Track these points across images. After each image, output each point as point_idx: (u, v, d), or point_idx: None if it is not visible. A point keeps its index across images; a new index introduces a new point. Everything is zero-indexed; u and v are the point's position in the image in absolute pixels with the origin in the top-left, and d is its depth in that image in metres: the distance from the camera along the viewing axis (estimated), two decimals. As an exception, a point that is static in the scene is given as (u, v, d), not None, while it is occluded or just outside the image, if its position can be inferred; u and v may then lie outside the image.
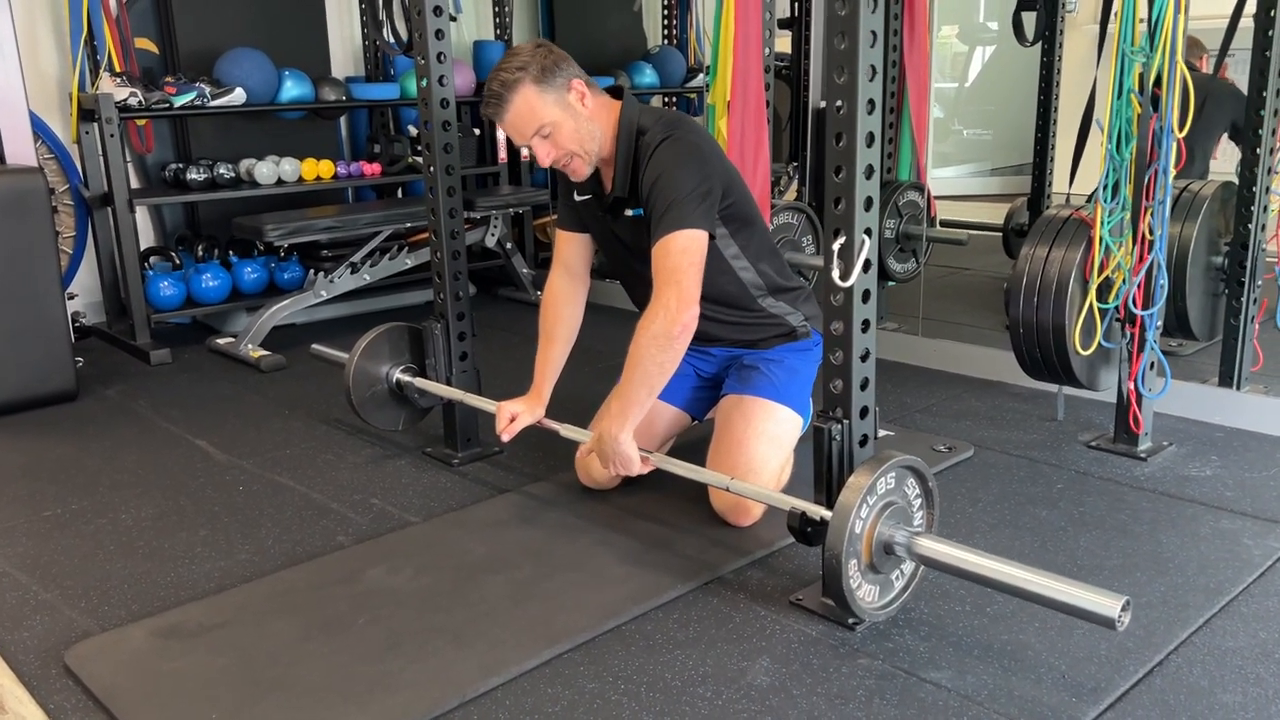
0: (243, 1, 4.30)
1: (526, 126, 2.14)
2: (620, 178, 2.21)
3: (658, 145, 2.14)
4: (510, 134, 2.20)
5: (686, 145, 2.14)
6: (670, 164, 2.11)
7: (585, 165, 2.21)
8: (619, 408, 2.14)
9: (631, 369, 2.11)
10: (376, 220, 3.97)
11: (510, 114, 2.13)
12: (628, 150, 2.19)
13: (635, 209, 2.23)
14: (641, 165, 2.16)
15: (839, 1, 1.66)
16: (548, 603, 1.96)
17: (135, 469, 2.74)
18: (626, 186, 2.21)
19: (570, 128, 2.15)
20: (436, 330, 2.62)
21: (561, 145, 2.16)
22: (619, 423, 2.14)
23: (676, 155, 2.12)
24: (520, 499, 2.46)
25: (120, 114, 3.71)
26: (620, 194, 2.22)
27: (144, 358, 3.75)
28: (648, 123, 2.19)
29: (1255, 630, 1.82)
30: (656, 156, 2.13)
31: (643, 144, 2.17)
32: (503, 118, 2.15)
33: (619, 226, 2.30)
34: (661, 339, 2.06)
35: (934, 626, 1.85)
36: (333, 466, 2.72)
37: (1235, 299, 2.84)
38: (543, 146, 2.16)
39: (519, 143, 2.20)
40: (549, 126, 2.14)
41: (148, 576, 2.14)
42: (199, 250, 4.09)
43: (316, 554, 2.22)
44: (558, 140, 2.15)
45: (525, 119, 2.13)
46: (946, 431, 2.83)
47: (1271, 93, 2.71)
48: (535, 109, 2.12)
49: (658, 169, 2.12)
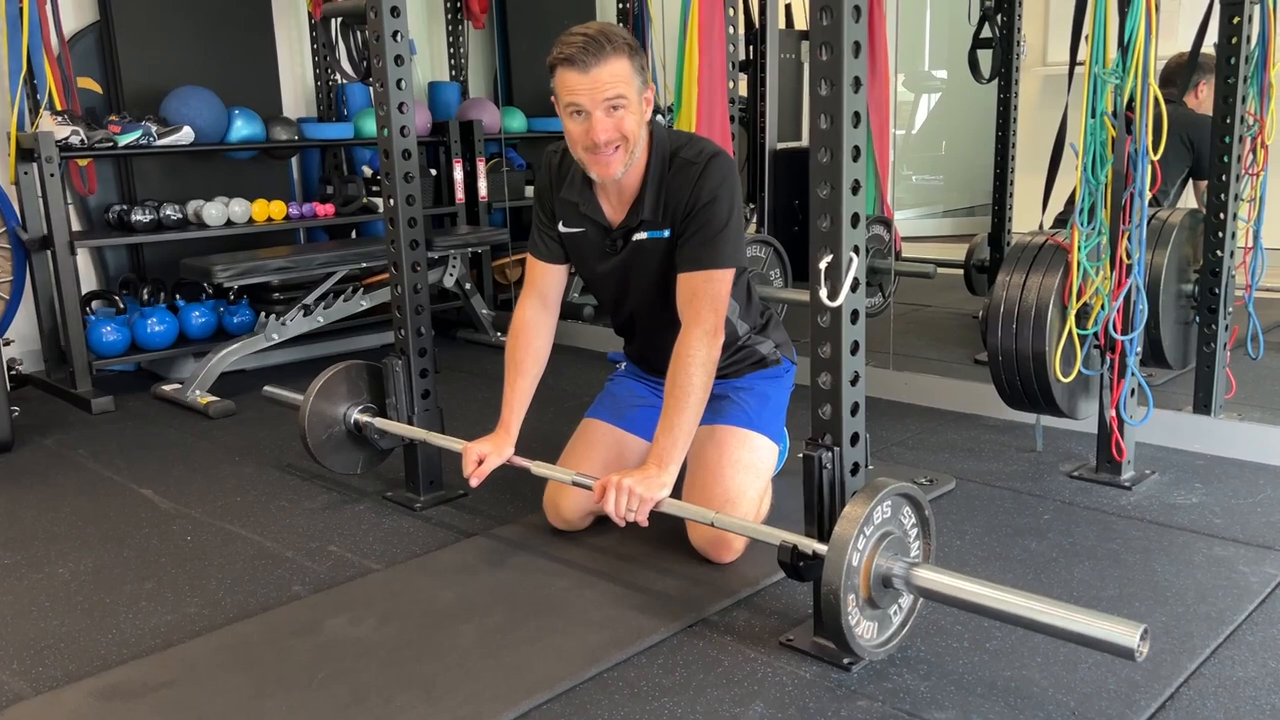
0: (191, 40, 4.20)
1: (611, 86, 1.97)
2: (650, 198, 2.12)
3: (709, 161, 2.08)
4: (586, 87, 1.97)
5: (733, 169, 2.10)
6: (726, 189, 2.07)
7: (621, 163, 2.07)
8: (677, 454, 2.02)
9: (684, 400, 2.02)
10: (331, 260, 3.85)
11: (605, 66, 1.95)
12: (661, 173, 2.11)
13: (655, 230, 2.14)
14: (686, 182, 2.08)
15: (822, 48, 1.61)
16: (523, 651, 1.84)
17: (74, 520, 2.57)
18: (657, 208, 2.12)
19: (636, 118, 2.04)
20: (397, 367, 2.50)
21: (622, 128, 2.02)
22: (673, 471, 2.01)
23: (731, 181, 2.08)
24: (488, 542, 2.34)
25: (61, 153, 3.56)
26: (647, 216, 2.13)
27: (85, 406, 3.57)
28: (680, 141, 2.15)
29: (1265, 660, 1.75)
30: (712, 172, 2.07)
31: (679, 162, 2.10)
32: (592, 65, 1.95)
33: (623, 253, 2.20)
34: (709, 365, 2.04)
35: (933, 664, 1.76)
36: (287, 513, 2.57)
37: (1208, 326, 2.82)
38: (609, 120, 1.99)
39: (586, 101, 1.98)
40: (624, 101, 2.00)
41: (86, 634, 1.98)
42: (144, 294, 3.93)
43: (271, 605, 2.07)
44: (622, 121, 2.02)
45: (616, 78, 1.97)
46: (926, 464, 2.75)
47: (1236, 119, 2.72)
48: (627, 76, 1.99)
49: (715, 188, 2.06)
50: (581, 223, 2.22)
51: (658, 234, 2.14)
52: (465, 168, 4.63)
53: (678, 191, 2.10)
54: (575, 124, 2.02)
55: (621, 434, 2.35)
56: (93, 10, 4.05)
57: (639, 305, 2.28)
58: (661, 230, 2.14)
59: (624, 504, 1.94)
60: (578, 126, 2.02)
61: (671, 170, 2.11)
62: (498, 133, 4.86)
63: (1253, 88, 2.78)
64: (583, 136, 2.02)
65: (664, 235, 2.14)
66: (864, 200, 1.69)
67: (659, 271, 2.18)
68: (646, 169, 2.11)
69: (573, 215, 2.22)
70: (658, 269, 2.18)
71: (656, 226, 2.14)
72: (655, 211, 2.12)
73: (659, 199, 2.12)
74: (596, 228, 2.20)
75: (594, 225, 2.21)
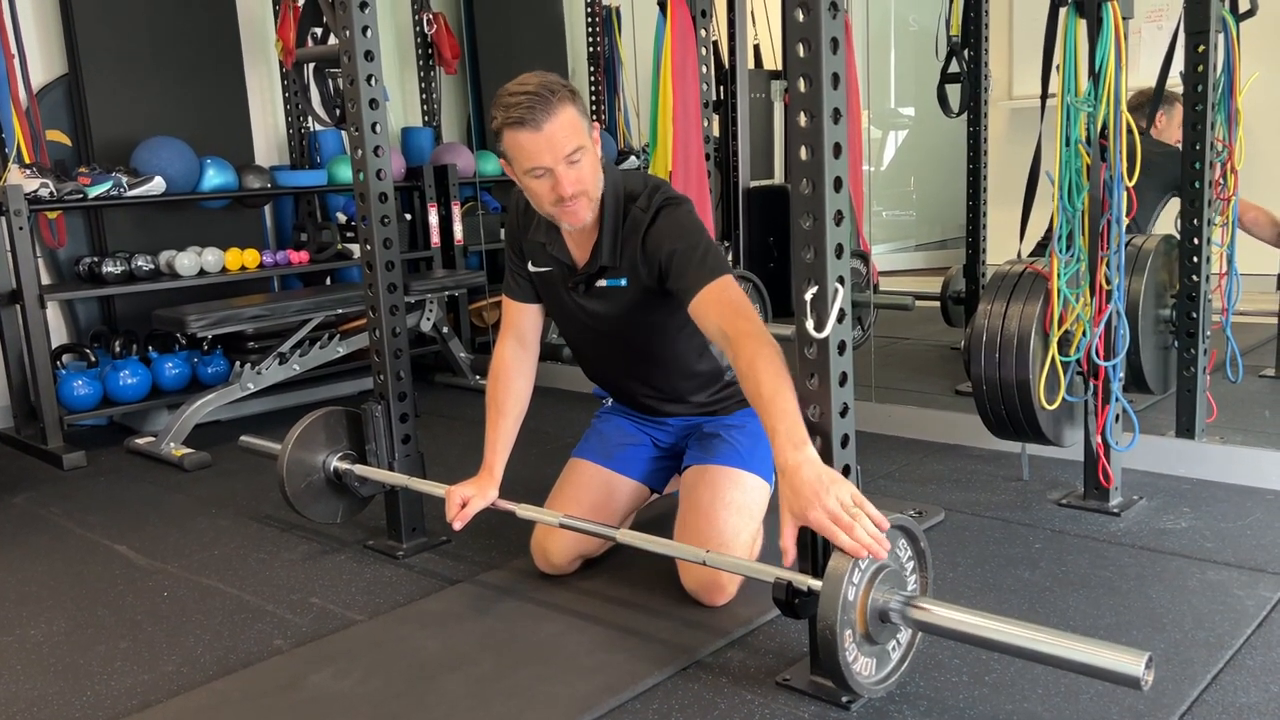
0: (161, 90, 4.18)
1: (568, 141, 1.93)
2: (607, 245, 2.09)
3: (659, 211, 2.04)
4: (544, 147, 1.92)
5: (687, 210, 2.07)
6: (679, 230, 2.02)
7: (587, 209, 2.03)
8: (802, 434, 1.67)
9: (781, 385, 1.74)
10: (306, 308, 3.81)
11: (556, 121, 1.91)
12: (615, 216, 2.08)
13: (615, 279, 2.12)
14: (639, 234, 2.05)
15: (802, 80, 1.61)
16: (513, 700, 1.79)
17: (46, 580, 2.50)
18: (615, 255, 2.09)
19: (591, 163, 2.00)
20: (377, 412, 2.46)
21: (584, 179, 1.98)
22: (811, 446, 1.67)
23: (681, 223, 2.04)
24: (474, 589, 2.29)
25: (30, 206, 3.51)
26: (606, 263, 2.10)
27: (56, 462, 3.49)
28: (635, 188, 2.10)
29: (1267, 684, 1.73)
30: (660, 223, 2.03)
31: (634, 211, 2.07)
32: (543, 123, 1.90)
33: (587, 298, 2.18)
34: (776, 358, 1.80)
35: (933, 700, 1.72)
36: (266, 565, 2.51)
37: (1187, 350, 2.83)
38: (570, 173, 1.95)
39: (548, 160, 1.93)
40: (582, 152, 1.96)
41: (60, 697, 1.91)
42: (116, 346, 3.87)
43: (252, 661, 2.01)
44: (583, 172, 1.98)
45: (569, 132, 1.93)
46: (913, 496, 2.73)
47: (1207, 145, 2.75)
48: (577, 125, 1.94)
49: (668, 236, 2.02)
50: (550, 262, 2.20)
51: (616, 282, 2.13)
52: (440, 212, 4.62)
53: (631, 237, 2.07)
54: (539, 183, 1.98)
55: (610, 474, 2.32)
56: (61, 63, 4.03)
57: (606, 348, 2.26)
58: (619, 279, 2.12)
59: (859, 528, 1.59)
60: (542, 185, 1.98)
61: (626, 221, 2.08)
62: (472, 176, 4.86)
63: (1220, 114, 2.82)
64: (549, 194, 1.98)
65: (622, 284, 2.12)
66: (847, 231, 1.68)
67: (619, 319, 2.17)
68: (602, 210, 2.09)
69: (541, 255, 2.21)
70: (618, 316, 2.16)
71: (616, 274, 2.12)
72: (613, 257, 2.10)
73: (615, 244, 2.10)
74: (563, 268, 2.19)
75: (561, 266, 2.19)
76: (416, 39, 5.05)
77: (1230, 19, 2.80)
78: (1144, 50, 5.13)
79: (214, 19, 4.34)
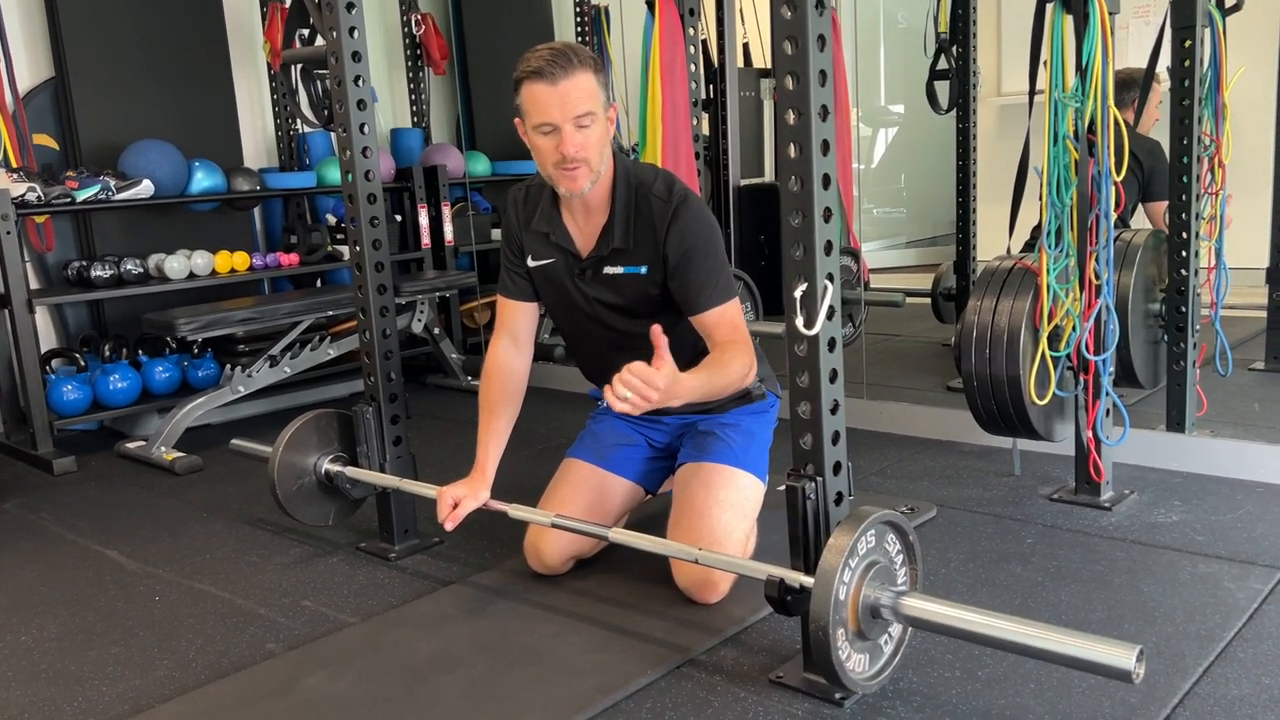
0: (149, 93, 4.17)
1: (582, 102, 1.97)
2: (619, 228, 2.11)
3: (679, 206, 2.08)
4: (555, 102, 1.96)
5: (704, 210, 2.12)
6: (704, 233, 2.09)
7: (586, 179, 2.05)
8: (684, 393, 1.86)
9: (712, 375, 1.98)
10: (296, 310, 3.80)
11: (572, 80, 1.96)
12: (628, 201, 2.11)
13: (631, 266, 2.13)
14: (658, 224, 2.08)
15: (789, 77, 1.61)
16: (508, 701, 1.79)
17: (37, 586, 2.49)
18: (628, 238, 2.11)
19: (600, 134, 2.04)
20: (368, 414, 2.46)
21: (590, 144, 2.02)
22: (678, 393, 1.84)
23: (705, 224, 2.10)
24: (467, 590, 2.28)
25: (18, 210, 3.50)
26: (619, 244, 2.12)
27: (46, 468, 3.48)
28: (646, 176, 2.14)
29: (1258, 677, 1.73)
30: (684, 222, 2.08)
31: (652, 200, 2.10)
32: (559, 79, 1.95)
33: (594, 285, 2.18)
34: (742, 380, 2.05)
35: (926, 696, 1.73)
36: (258, 569, 2.51)
37: (1176, 345, 2.84)
38: (577, 136, 1.99)
39: (557, 116, 1.97)
40: (592, 118, 2.00)
41: (51, 703, 1.91)
42: (105, 350, 3.85)
43: (245, 664, 2.00)
44: (589, 138, 2.01)
45: (583, 94, 1.97)
46: (905, 493, 2.74)
47: (1194, 140, 2.76)
48: (593, 92, 1.99)
49: (691, 237, 2.07)
50: (551, 253, 2.20)
51: (634, 269, 2.13)
52: (430, 213, 4.61)
53: (648, 226, 2.09)
54: (545, 140, 2.02)
55: (604, 474, 2.31)
56: (48, 66, 4.01)
57: (606, 342, 2.25)
58: (638, 266, 2.13)
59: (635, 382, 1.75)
60: (548, 142, 2.01)
61: (641, 206, 2.10)
62: (462, 177, 4.85)
63: (1207, 109, 2.83)
64: (552, 152, 2.01)
65: (641, 271, 2.13)
66: (836, 228, 1.68)
67: (628, 309, 2.17)
68: (614, 194, 2.11)
69: (542, 247, 2.21)
70: (628, 304, 2.16)
71: (632, 261, 2.13)
72: (626, 240, 2.11)
73: (629, 229, 2.11)
74: (566, 257, 2.19)
75: (564, 255, 2.19)
76: (405, 40, 5.05)
77: (1216, 14, 2.82)
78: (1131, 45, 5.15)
79: (201, 21, 4.33)
